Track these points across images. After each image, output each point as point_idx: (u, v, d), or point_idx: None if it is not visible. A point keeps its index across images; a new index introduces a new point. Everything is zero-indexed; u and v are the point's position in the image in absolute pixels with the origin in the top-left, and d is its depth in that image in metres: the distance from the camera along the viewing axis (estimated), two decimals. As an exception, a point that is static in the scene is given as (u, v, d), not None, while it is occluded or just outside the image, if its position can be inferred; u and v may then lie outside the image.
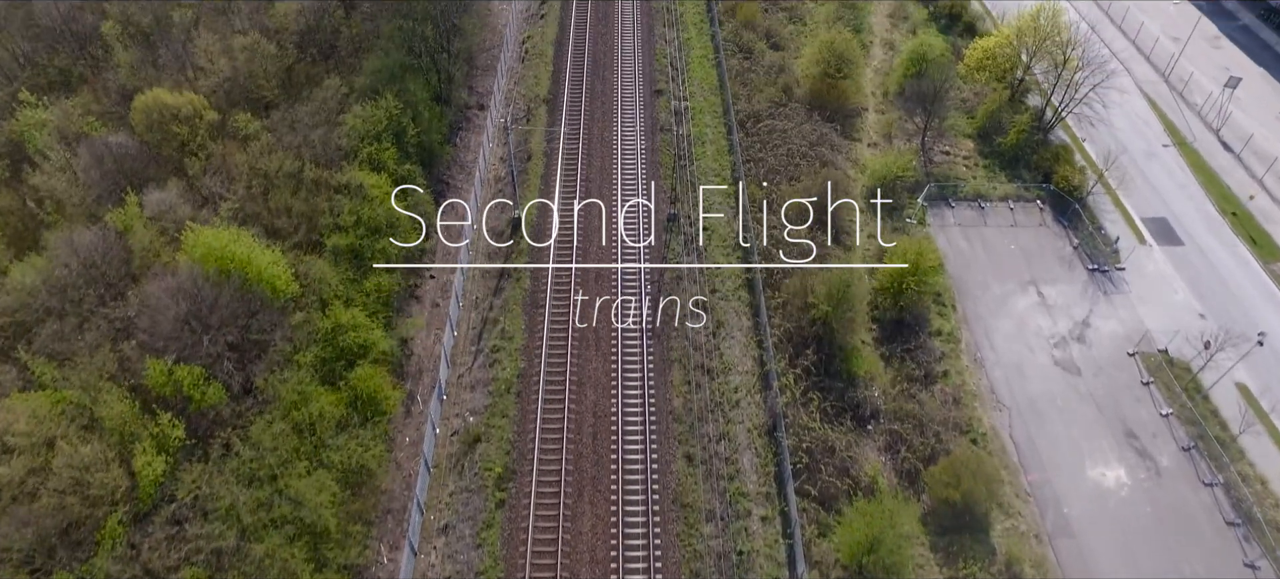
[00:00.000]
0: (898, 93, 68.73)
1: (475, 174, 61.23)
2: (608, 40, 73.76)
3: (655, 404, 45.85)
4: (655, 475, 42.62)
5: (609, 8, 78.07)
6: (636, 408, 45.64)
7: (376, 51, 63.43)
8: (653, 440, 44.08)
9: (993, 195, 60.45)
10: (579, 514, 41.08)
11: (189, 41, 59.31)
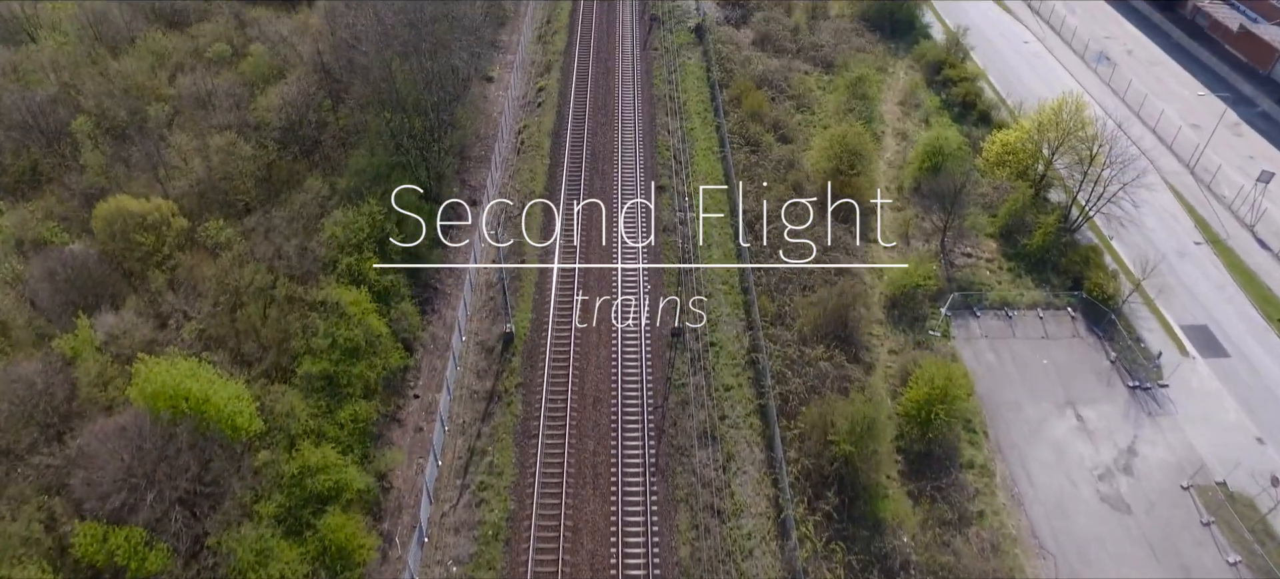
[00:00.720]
0: (913, 188, 65.32)
1: (465, 278, 57.14)
2: (608, 130, 70.57)
3: (660, 555, 40.88)
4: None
5: (609, 96, 75.15)
6: (639, 559, 40.65)
7: (362, 148, 60.03)
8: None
9: (1020, 303, 56.30)
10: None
11: (162, 141, 55.80)
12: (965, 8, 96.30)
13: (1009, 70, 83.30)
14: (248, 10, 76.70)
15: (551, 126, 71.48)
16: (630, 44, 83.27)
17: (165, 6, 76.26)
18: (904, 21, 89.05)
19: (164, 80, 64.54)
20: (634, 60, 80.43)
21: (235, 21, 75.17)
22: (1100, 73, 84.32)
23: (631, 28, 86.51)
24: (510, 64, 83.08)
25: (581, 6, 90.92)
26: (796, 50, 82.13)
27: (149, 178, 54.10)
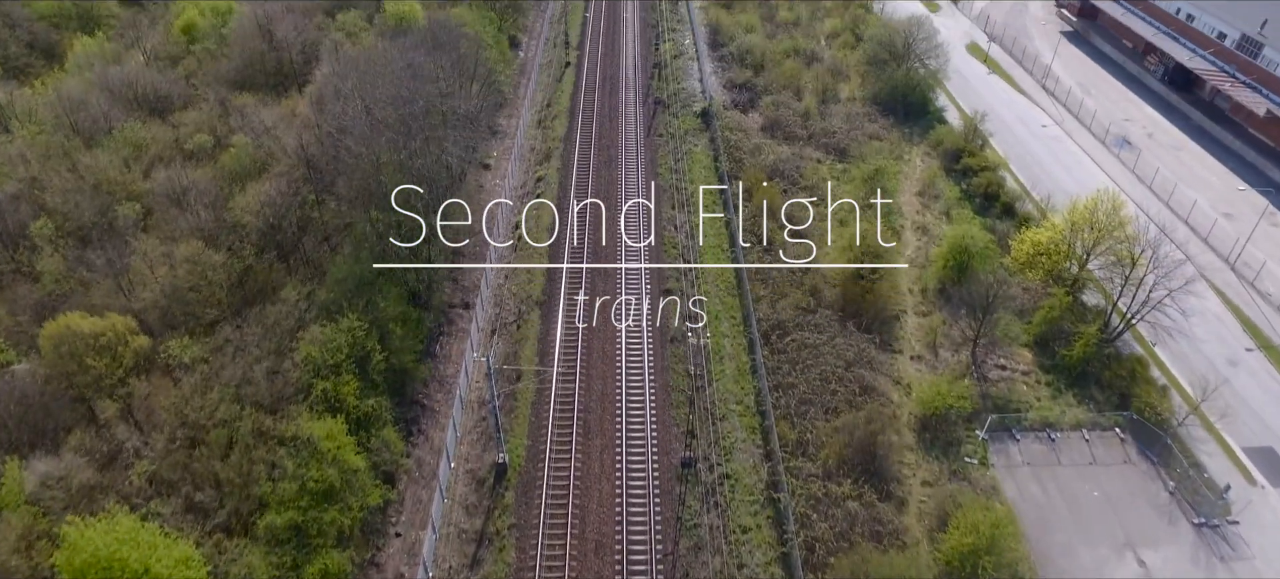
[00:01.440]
0: (938, 288, 60.88)
1: (456, 393, 52.16)
2: (610, 226, 66.39)
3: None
4: None
5: (612, 186, 71.25)
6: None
7: (346, 249, 55.66)
8: None
9: (1063, 424, 51.24)
10: None
11: (128, 247, 51.40)
12: (979, 90, 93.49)
13: (1030, 157, 79.70)
14: (234, 97, 73.26)
15: (550, 218, 67.33)
16: (634, 129, 79.87)
17: (149, 93, 72.85)
18: (917, 104, 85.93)
19: (138, 175, 60.55)
20: (638, 147, 76.86)
21: (220, 109, 71.65)
22: (1124, 159, 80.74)
23: (635, 112, 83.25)
24: (508, 150, 79.53)
25: (583, 89, 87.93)
26: (808, 137, 78.63)
27: (111, 287, 49.55)
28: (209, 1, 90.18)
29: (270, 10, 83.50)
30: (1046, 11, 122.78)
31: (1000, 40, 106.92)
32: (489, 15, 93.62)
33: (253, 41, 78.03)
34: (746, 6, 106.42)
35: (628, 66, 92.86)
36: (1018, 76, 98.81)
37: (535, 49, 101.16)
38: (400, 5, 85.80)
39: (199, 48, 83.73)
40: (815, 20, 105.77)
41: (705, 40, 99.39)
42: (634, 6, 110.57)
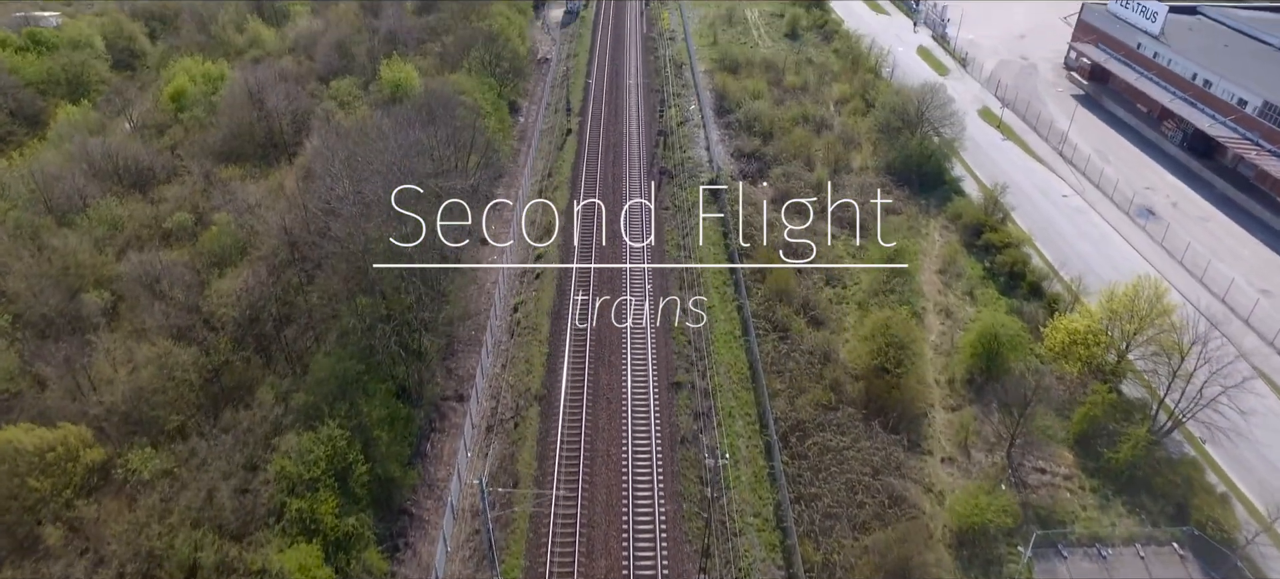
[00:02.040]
0: (966, 378, 56.65)
1: (447, 501, 47.54)
2: (616, 306, 62.30)
3: None
4: None
5: (617, 266, 67.34)
6: None
7: (330, 341, 51.47)
8: None
9: (1115, 539, 46.53)
10: None
11: (89, 346, 47.23)
12: (994, 158, 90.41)
13: (1053, 231, 76.01)
14: (220, 170, 69.90)
15: (551, 304, 63.28)
16: (640, 202, 76.31)
17: (130, 166, 69.49)
18: (932, 174, 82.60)
19: (111, 257, 56.73)
20: (644, 222, 73.20)
21: (204, 182, 68.19)
22: (1150, 231, 77.10)
23: (640, 183, 79.83)
24: (508, 222, 75.94)
25: (585, 157, 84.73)
26: (821, 209, 75.04)
27: (69, 388, 45.26)
28: (200, 67, 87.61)
29: (262, 77, 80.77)
30: (1056, 74, 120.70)
31: (1013, 105, 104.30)
32: (488, 81, 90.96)
33: (242, 111, 75.00)
34: (753, 72, 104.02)
35: (631, 133, 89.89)
36: (1033, 143, 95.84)
37: (536, 114, 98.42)
38: (396, 72, 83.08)
39: (187, 116, 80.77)
40: (823, 85, 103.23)
41: (711, 106, 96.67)
42: (637, 71, 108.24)
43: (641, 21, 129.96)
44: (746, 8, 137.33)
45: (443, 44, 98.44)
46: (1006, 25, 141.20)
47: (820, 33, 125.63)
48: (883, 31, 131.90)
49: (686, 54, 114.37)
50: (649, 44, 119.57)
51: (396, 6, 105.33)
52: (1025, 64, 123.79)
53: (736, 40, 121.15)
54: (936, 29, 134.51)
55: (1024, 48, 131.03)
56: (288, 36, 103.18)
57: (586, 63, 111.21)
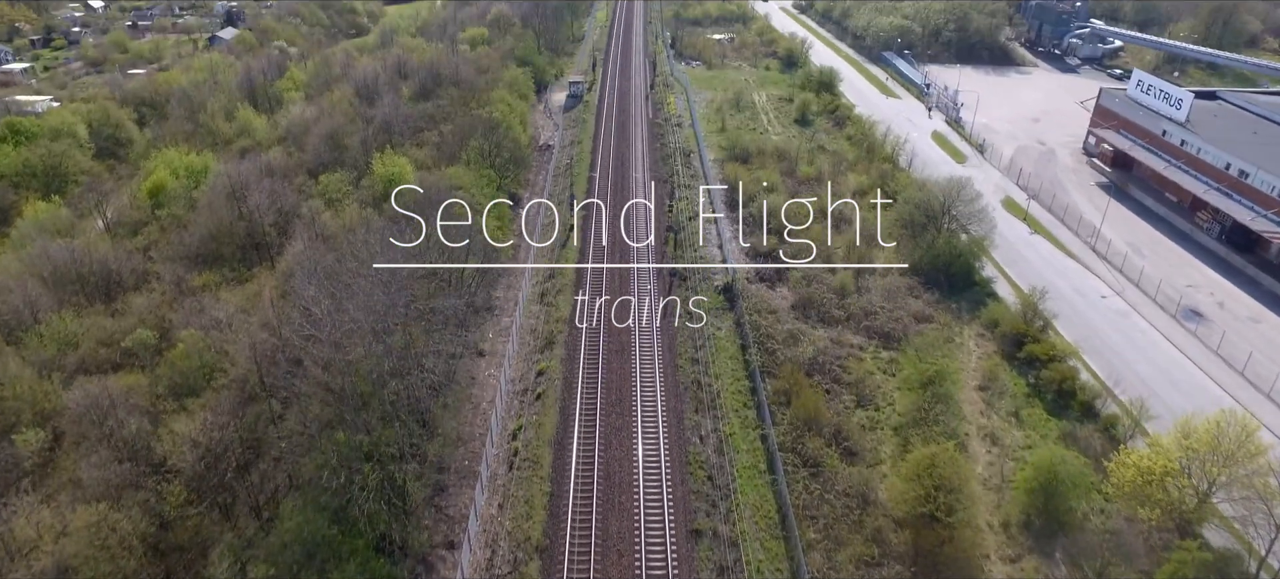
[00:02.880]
0: (1022, 522, 49.83)
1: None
2: (625, 437, 55.80)
3: None
4: None
5: (625, 383, 61.08)
6: None
7: (301, 485, 44.87)
8: None
9: None
10: None
11: (8, 509, 40.59)
12: (1024, 254, 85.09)
13: (1099, 339, 69.95)
14: (193, 278, 64.22)
15: (553, 431, 56.74)
16: (650, 311, 70.44)
17: (96, 272, 63.85)
18: (962, 274, 77.05)
19: (56, 385, 50.43)
20: (654, 332, 67.21)
21: (174, 290, 62.41)
22: (1201, 335, 71.12)
23: (650, 288, 74.10)
24: (505, 328, 70.00)
25: (591, 255, 79.23)
26: (846, 317, 69.26)
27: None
28: (183, 159, 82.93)
29: (245, 173, 75.91)
30: (1076, 160, 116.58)
31: (1036, 194, 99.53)
32: (487, 173, 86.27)
33: (222, 210, 69.79)
34: (765, 161, 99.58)
35: (639, 229, 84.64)
36: (1062, 236, 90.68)
37: (538, 206, 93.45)
38: (389, 167, 78.29)
39: (165, 213, 75.60)
40: (839, 175, 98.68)
41: (722, 198, 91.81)
42: (644, 159, 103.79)
43: (647, 106, 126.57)
44: (754, 92, 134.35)
45: (440, 133, 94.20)
46: (1019, 108, 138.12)
47: (831, 118, 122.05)
48: (895, 116, 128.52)
49: (694, 141, 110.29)
50: (655, 130, 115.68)
51: (393, 94, 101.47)
52: (1043, 149, 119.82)
53: (745, 126, 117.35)
54: (949, 113, 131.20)
55: (1040, 132, 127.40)
56: (279, 124, 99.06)
57: (590, 150, 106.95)
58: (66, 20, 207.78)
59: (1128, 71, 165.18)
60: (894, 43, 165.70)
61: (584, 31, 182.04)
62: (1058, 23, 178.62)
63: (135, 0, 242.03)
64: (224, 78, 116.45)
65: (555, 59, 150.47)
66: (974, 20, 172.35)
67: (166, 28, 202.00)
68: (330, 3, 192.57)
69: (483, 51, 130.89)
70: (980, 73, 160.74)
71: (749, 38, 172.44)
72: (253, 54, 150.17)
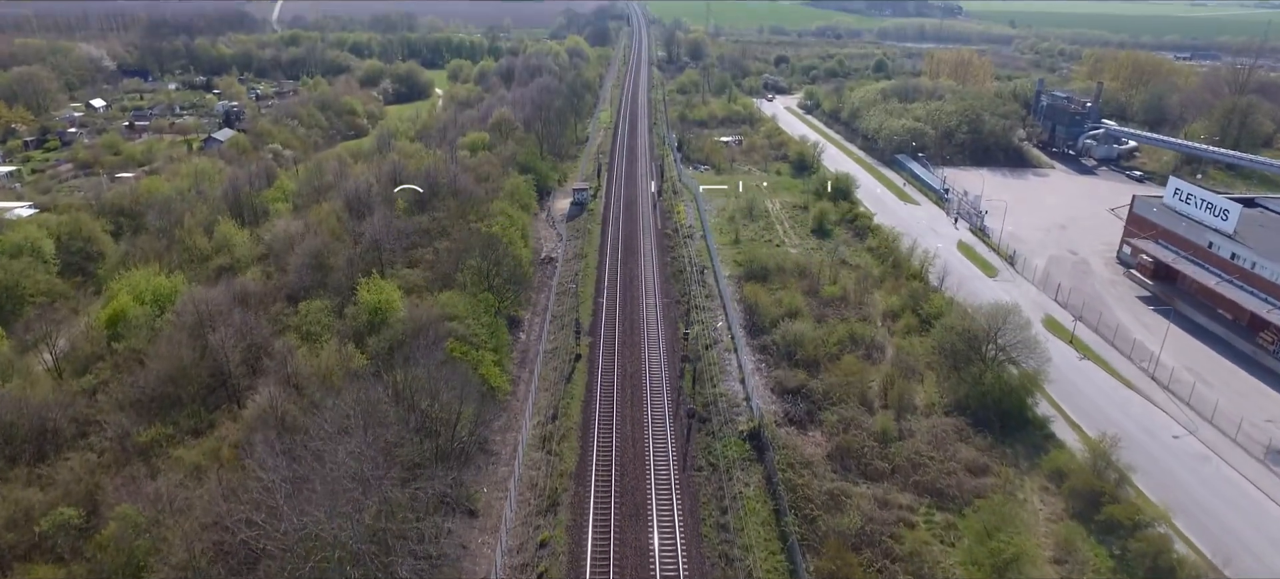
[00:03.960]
0: None
1: None
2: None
3: None
4: None
5: (643, 556, 51.68)
6: None
7: None
8: None
9: None
10: None
11: None
12: (1078, 384, 76.85)
13: (1185, 494, 60.82)
14: (141, 430, 55.67)
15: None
16: (666, 459, 61.67)
17: (31, 421, 55.30)
18: (1014, 413, 68.49)
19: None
20: (672, 488, 58.27)
21: (117, 449, 53.76)
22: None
23: (666, 430, 65.44)
24: (502, 480, 61.09)
25: (599, 393, 70.79)
26: (891, 469, 60.44)
27: None
28: (150, 282, 75.40)
29: (215, 300, 68.28)
30: (1112, 271, 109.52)
31: (1079, 312, 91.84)
32: (485, 297, 78.67)
33: (183, 348, 61.74)
34: (785, 279, 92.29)
35: (651, 359, 76.48)
36: (1115, 361, 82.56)
37: (539, 328, 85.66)
38: (376, 294, 70.72)
39: (123, 347, 67.55)
40: (865, 293, 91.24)
41: (741, 322, 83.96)
42: (654, 277, 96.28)
43: (655, 214, 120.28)
44: (767, 199, 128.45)
45: (436, 250, 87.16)
46: (1044, 215, 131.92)
47: (851, 228, 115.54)
48: (916, 224, 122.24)
49: (707, 254, 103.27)
50: (664, 241, 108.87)
51: (385, 207, 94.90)
52: (1076, 260, 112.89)
53: (760, 237, 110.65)
54: (973, 221, 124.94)
55: (1070, 240, 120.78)
56: (262, 239, 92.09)
57: (596, 265, 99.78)
58: (64, 120, 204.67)
59: (1148, 174, 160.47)
60: (907, 145, 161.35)
61: (588, 133, 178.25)
62: (1071, 123, 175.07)
63: (137, 99, 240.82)
64: (209, 186, 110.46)
65: (558, 163, 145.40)
66: (987, 122, 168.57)
67: (164, 128, 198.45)
68: (329, 104, 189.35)
69: (483, 157, 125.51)
70: (997, 175, 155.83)
71: (757, 140, 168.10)
72: (246, 157, 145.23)
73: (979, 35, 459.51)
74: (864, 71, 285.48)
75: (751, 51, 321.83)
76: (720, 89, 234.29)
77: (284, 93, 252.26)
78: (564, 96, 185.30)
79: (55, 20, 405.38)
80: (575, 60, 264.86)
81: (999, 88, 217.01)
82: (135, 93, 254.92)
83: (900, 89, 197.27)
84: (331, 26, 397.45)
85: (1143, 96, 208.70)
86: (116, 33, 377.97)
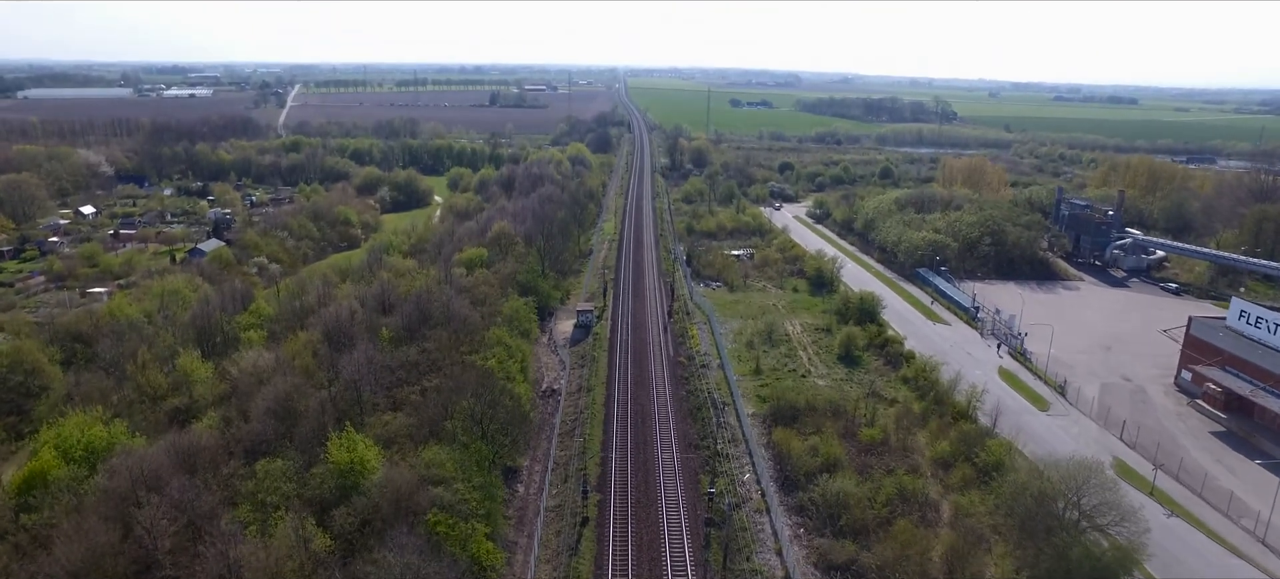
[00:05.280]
0: None
1: None
2: None
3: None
4: None
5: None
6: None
7: None
8: None
9: None
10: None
11: None
12: (1177, 553, 65.18)
13: None
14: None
15: None
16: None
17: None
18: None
19: None
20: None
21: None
22: None
23: None
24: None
25: (611, 570, 58.99)
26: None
27: None
28: (83, 432, 64.45)
29: (153, 461, 57.40)
30: (1175, 402, 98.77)
31: (1154, 456, 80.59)
32: (477, 448, 67.70)
33: (98, 532, 50.38)
34: (816, 419, 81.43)
35: (670, 522, 64.86)
36: (1207, 518, 71.15)
37: (540, 478, 74.19)
38: (349, 451, 59.86)
39: (35, 520, 56.16)
40: (908, 434, 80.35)
41: (772, 476, 72.69)
42: (670, 420, 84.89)
43: (666, 338, 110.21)
44: (786, 320, 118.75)
45: (423, 391, 76.68)
46: (1084, 334, 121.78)
47: (881, 354, 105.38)
48: (949, 348, 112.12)
49: (727, 387, 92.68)
50: (678, 371, 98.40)
51: (369, 340, 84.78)
52: (1132, 388, 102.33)
53: (783, 366, 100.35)
54: (1011, 343, 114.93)
55: (1119, 364, 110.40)
56: (229, 373, 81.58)
57: (604, 400, 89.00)
58: (47, 228, 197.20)
59: (1183, 286, 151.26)
60: (929, 259, 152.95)
61: (592, 245, 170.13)
62: (1097, 233, 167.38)
63: (130, 206, 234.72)
64: (178, 310, 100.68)
65: (561, 280, 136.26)
66: (1010, 233, 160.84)
67: (150, 237, 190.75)
68: (322, 213, 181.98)
69: (481, 276, 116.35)
70: (1025, 289, 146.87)
71: (770, 253, 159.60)
72: (228, 272, 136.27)
73: (976, 140, 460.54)
74: (870, 178, 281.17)
75: (755, 159, 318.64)
76: (726, 198, 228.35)
77: (280, 199, 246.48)
78: (567, 207, 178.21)
79: (60, 126, 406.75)
80: (578, 168, 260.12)
81: (1015, 195, 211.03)
82: (129, 199, 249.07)
83: (915, 198, 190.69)
84: (335, 132, 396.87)
85: (1162, 204, 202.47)
86: (119, 138, 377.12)
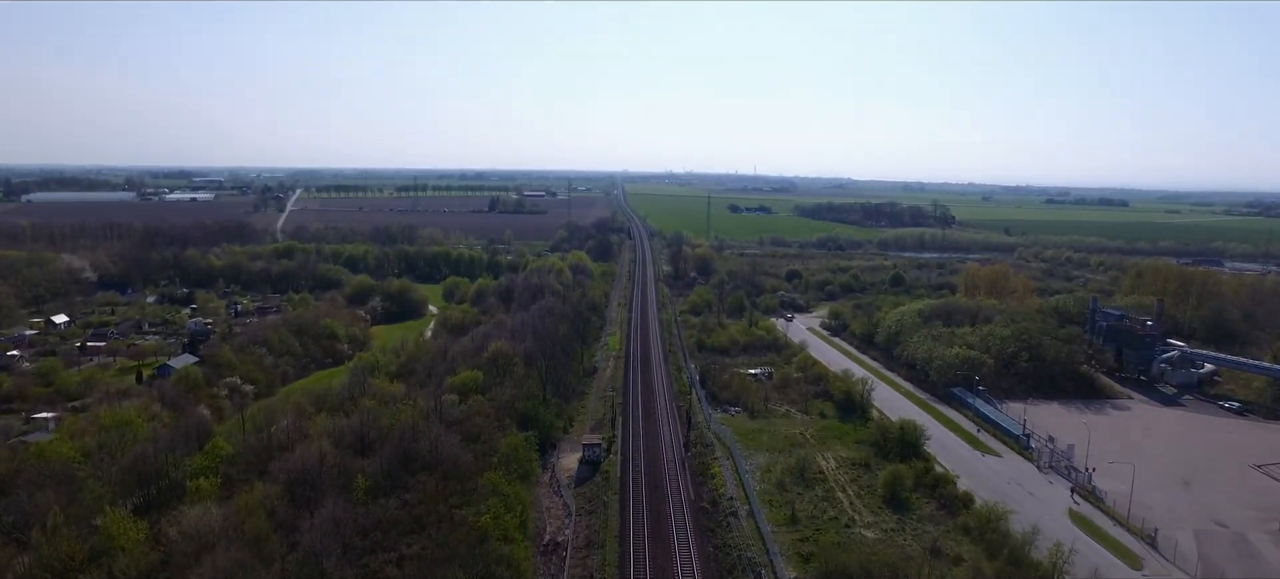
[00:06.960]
0: None
1: None
2: None
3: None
4: None
5: None
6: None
7: None
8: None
9: None
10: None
11: None
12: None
13: None
14: None
15: None
16: None
17: None
18: None
19: None
20: None
21: None
22: None
23: None
24: None
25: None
26: None
27: None
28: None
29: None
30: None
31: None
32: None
33: None
34: None
35: None
36: None
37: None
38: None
39: None
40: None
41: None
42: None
43: (685, 476, 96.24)
44: (818, 454, 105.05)
45: (401, 560, 62.60)
46: (1153, 466, 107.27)
47: (932, 495, 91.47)
48: (1007, 486, 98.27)
49: (760, 543, 78.29)
50: (701, 520, 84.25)
51: (340, 495, 70.86)
52: (1231, 535, 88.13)
53: (822, 513, 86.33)
54: (1073, 479, 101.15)
55: (1205, 505, 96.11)
56: (166, 536, 67.41)
57: (617, 561, 74.49)
58: (9, 341, 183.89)
59: (1246, 405, 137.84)
60: (964, 377, 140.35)
61: (596, 362, 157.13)
62: (1140, 346, 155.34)
63: (107, 314, 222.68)
64: (120, 449, 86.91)
65: (564, 406, 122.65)
66: (1047, 346, 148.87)
67: (119, 349, 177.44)
68: (306, 328, 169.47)
69: (475, 405, 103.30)
70: (1071, 410, 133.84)
71: (791, 372, 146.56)
72: (194, 395, 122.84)
73: (978, 245, 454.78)
74: (880, 286, 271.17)
75: (761, 267, 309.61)
76: (736, 309, 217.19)
77: (268, 307, 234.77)
78: (568, 321, 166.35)
79: (51, 230, 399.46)
80: (579, 278, 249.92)
81: (1041, 304, 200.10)
82: (108, 306, 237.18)
83: (941, 310, 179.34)
84: (332, 237, 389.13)
85: (1199, 311, 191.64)
86: (110, 243, 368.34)
